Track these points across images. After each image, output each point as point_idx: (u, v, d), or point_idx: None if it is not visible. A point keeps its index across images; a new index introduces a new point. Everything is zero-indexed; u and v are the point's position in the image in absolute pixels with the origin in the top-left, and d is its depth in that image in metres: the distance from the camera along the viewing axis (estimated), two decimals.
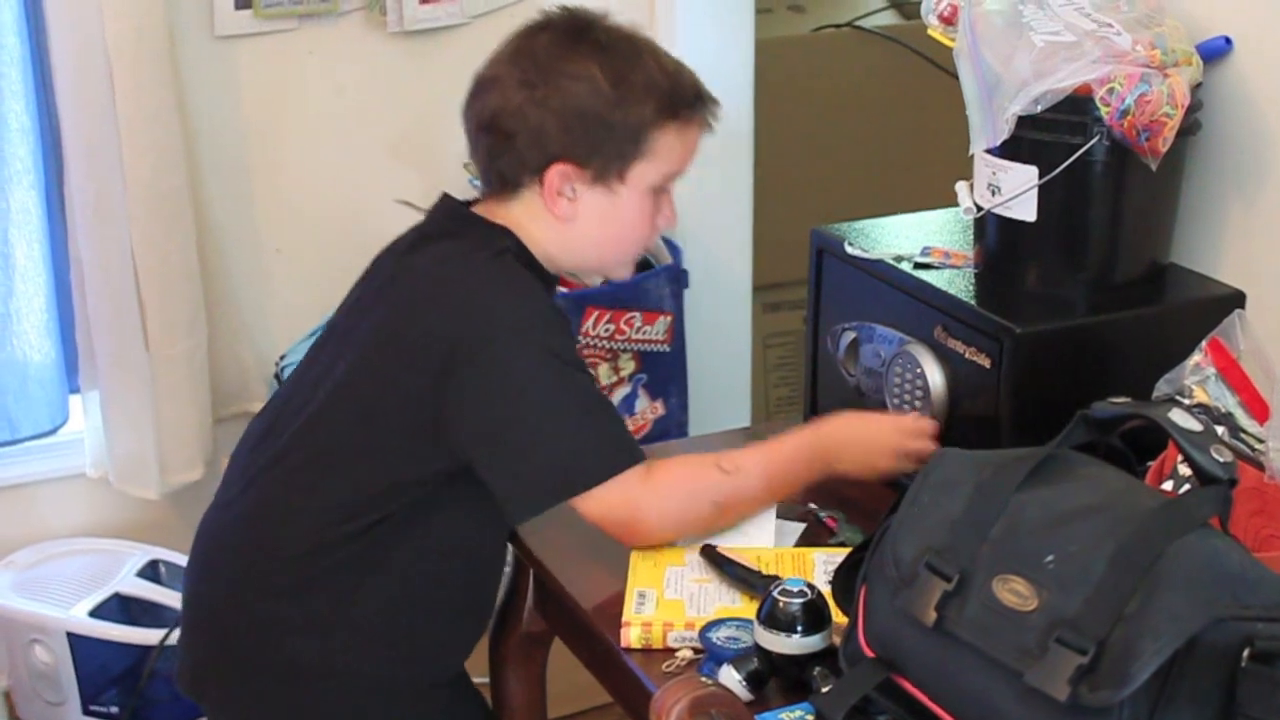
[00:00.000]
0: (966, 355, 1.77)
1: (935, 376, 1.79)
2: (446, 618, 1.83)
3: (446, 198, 1.88)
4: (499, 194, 1.81)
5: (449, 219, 1.84)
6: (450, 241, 1.80)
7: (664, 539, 1.74)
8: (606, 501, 1.69)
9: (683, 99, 1.79)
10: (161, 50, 2.53)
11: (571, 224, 1.79)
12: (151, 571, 2.70)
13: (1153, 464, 1.56)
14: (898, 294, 1.90)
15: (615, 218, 1.79)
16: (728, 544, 1.73)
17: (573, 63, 1.75)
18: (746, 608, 1.62)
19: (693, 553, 1.73)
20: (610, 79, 1.75)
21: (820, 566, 1.71)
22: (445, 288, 1.75)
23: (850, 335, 1.96)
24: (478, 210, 1.83)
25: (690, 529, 1.74)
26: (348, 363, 1.78)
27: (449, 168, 2.67)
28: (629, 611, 1.63)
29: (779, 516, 1.81)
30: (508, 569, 1.95)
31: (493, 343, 1.69)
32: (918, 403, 1.81)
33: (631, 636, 1.61)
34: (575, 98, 1.75)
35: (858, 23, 3.60)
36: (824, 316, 2.04)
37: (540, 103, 1.75)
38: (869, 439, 1.81)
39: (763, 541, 1.76)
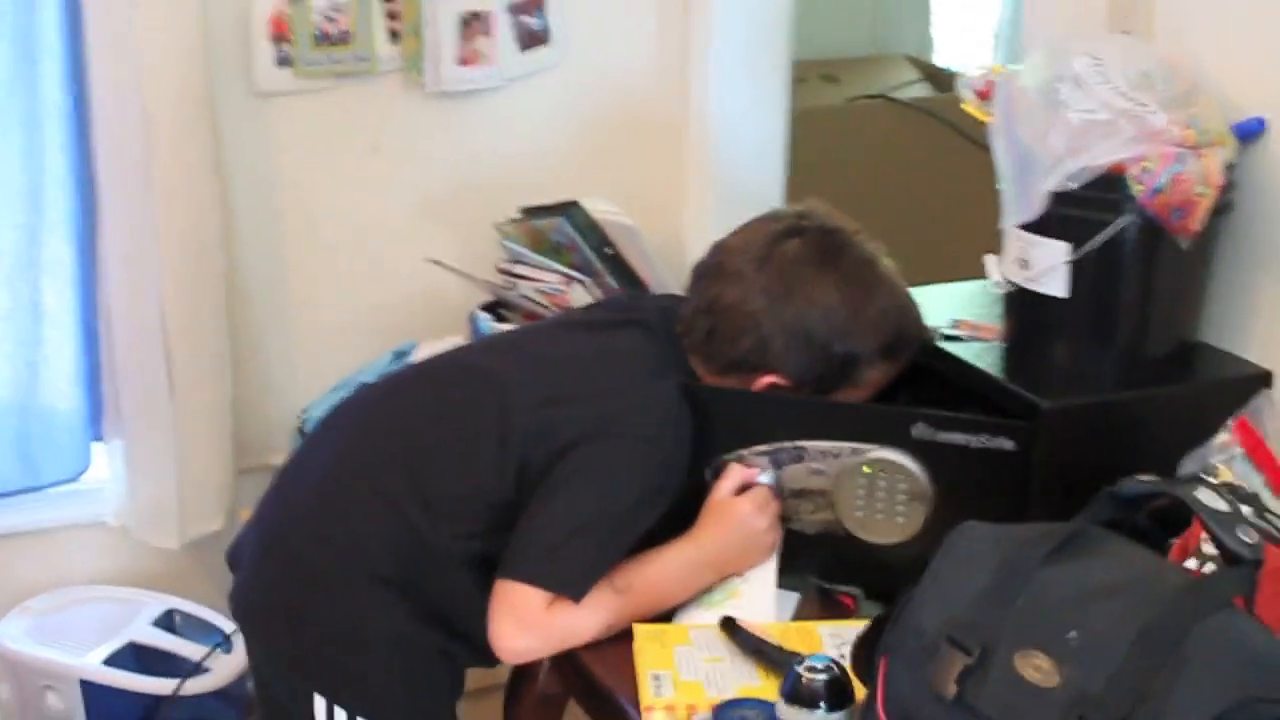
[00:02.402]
0: (972, 444, 1.74)
1: (921, 474, 1.77)
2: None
3: (668, 311, 1.94)
4: (704, 360, 1.89)
5: (664, 333, 1.91)
6: (648, 346, 1.89)
7: (543, 655, 1.81)
8: (515, 607, 1.73)
9: (903, 341, 1.88)
10: (200, 106, 2.55)
11: None
12: (167, 621, 2.70)
13: (1177, 540, 1.55)
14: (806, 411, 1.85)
15: None
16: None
17: (816, 286, 1.84)
18: (766, 685, 1.60)
19: (698, 631, 1.72)
20: (846, 311, 1.83)
21: (828, 640, 1.70)
22: (624, 376, 1.86)
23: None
24: (687, 351, 1.89)
25: (574, 645, 1.77)
26: (506, 378, 1.86)
27: (481, 229, 2.68)
28: (648, 696, 1.60)
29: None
30: None
31: (617, 438, 1.78)
32: (900, 506, 1.79)
33: None
34: (808, 321, 1.83)
35: (891, 94, 3.61)
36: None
37: (775, 315, 1.83)
38: (745, 538, 1.82)
39: (764, 615, 1.75)
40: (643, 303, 2.05)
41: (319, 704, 1.84)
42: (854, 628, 1.61)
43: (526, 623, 1.72)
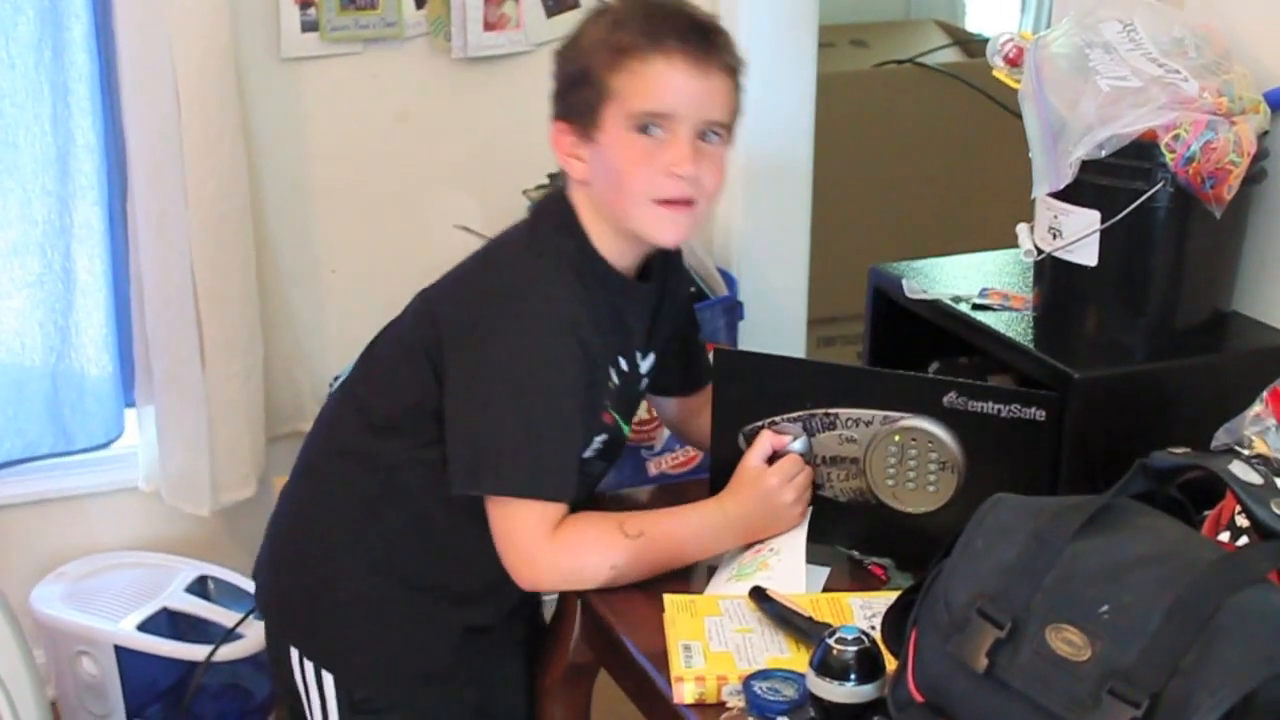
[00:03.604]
0: (1003, 414, 1.73)
1: (953, 443, 1.77)
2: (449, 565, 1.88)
3: (562, 191, 1.90)
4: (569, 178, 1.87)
5: (549, 199, 1.90)
6: (523, 232, 1.88)
7: (551, 589, 1.83)
8: (510, 532, 1.75)
9: (625, 34, 1.77)
10: (227, 71, 2.56)
11: (590, 186, 1.82)
12: (200, 587, 2.72)
13: (1209, 513, 1.54)
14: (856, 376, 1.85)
15: (608, 166, 1.78)
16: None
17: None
18: (796, 656, 1.60)
19: (728, 601, 1.72)
20: (577, 32, 1.82)
21: (858, 611, 1.70)
22: (484, 272, 1.85)
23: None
24: (570, 194, 1.86)
25: (582, 586, 1.79)
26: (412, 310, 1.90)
27: (509, 194, 2.68)
28: (678, 666, 1.60)
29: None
30: (551, 598, 1.95)
31: (482, 328, 1.76)
32: (931, 475, 1.79)
33: (685, 693, 1.58)
34: (556, 60, 1.85)
35: (920, 59, 3.60)
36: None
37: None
38: (771, 508, 1.82)
39: (793, 587, 1.75)
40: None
41: (294, 655, 1.92)
42: (884, 599, 1.62)
43: (529, 549, 1.74)
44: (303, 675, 1.91)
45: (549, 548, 1.74)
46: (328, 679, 1.90)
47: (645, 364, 1.92)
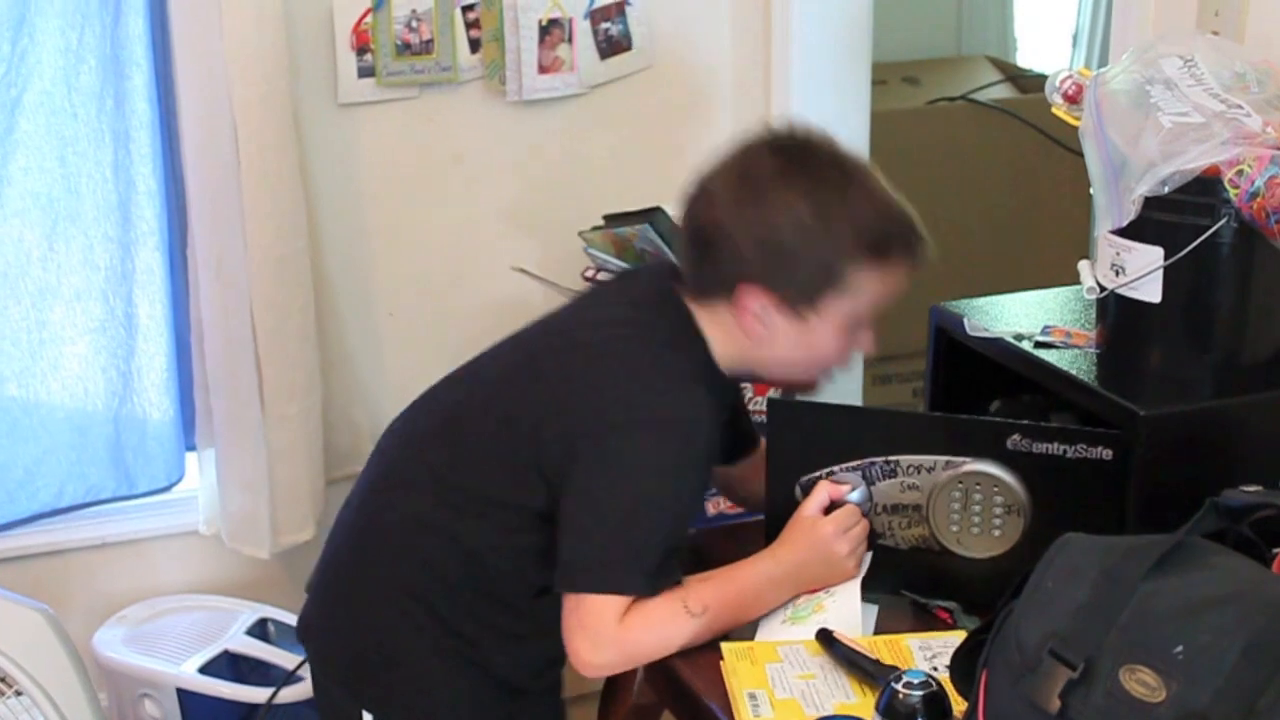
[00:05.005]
0: (1069, 454, 1.73)
1: (1018, 486, 1.76)
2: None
3: (664, 277, 1.89)
4: (697, 298, 1.84)
5: (657, 297, 1.87)
6: (634, 328, 1.85)
7: (610, 671, 1.82)
8: (584, 619, 1.73)
9: (885, 239, 1.79)
10: (285, 117, 2.58)
11: (762, 343, 1.81)
12: (260, 630, 2.72)
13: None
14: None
15: (805, 344, 1.81)
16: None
17: (781, 191, 1.77)
18: (863, 701, 1.59)
19: (787, 647, 1.71)
20: (812, 213, 1.76)
21: (918, 653, 1.69)
22: (612, 377, 1.79)
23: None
24: (689, 299, 1.84)
25: (641, 664, 1.80)
26: (501, 386, 1.88)
27: (565, 236, 2.69)
28: (746, 715, 1.59)
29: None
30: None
31: (619, 432, 1.74)
32: (996, 519, 1.78)
33: None
34: (774, 228, 1.76)
35: (972, 95, 3.59)
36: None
37: (744, 226, 1.77)
38: (825, 558, 1.81)
39: (850, 629, 1.74)
40: (640, 277, 2.02)
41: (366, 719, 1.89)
42: (943, 639, 1.61)
43: (600, 638, 1.72)
44: None
45: (618, 630, 1.72)
46: None
47: None
